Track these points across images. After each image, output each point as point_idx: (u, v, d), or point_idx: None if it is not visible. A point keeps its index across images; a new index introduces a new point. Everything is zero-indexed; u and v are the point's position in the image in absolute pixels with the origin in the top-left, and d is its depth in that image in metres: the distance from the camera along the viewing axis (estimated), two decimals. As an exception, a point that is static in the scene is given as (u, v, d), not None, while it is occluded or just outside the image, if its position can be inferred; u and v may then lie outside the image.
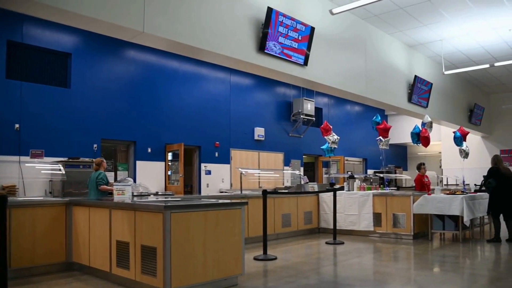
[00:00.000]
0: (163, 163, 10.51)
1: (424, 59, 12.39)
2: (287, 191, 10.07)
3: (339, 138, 10.33)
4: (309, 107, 13.94)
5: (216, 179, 11.66)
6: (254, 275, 5.56)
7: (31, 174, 7.95)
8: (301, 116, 13.74)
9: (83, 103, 9.04)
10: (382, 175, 12.76)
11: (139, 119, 10.00)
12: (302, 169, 14.35)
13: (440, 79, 13.02)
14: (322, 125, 10.44)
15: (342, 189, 9.77)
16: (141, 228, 4.70)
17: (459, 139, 10.46)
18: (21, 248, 5.52)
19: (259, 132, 12.91)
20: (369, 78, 9.92)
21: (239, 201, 5.48)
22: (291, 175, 13.53)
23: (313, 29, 7.93)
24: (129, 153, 10.17)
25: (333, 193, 8.70)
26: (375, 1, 7.59)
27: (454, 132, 10.95)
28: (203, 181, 11.37)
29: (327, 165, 15.33)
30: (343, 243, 8.13)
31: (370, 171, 16.72)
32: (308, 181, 11.21)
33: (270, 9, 7.07)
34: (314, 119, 14.19)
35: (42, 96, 8.46)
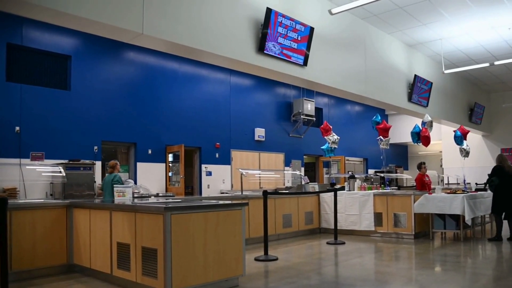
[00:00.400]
0: (163, 164, 10.51)
1: (424, 58, 12.39)
2: (287, 191, 10.06)
3: (339, 138, 10.33)
4: (309, 107, 13.94)
5: (216, 180, 11.66)
6: (255, 276, 5.55)
7: (32, 176, 7.95)
8: (302, 116, 13.74)
9: (83, 105, 9.05)
10: (382, 175, 12.75)
11: (139, 120, 10.01)
12: (302, 169, 14.34)
13: (440, 78, 13.02)
14: (322, 125, 10.44)
15: (342, 189, 9.77)
16: (141, 229, 4.71)
17: (460, 138, 10.45)
18: (22, 250, 5.52)
19: (260, 132, 12.91)
20: (369, 78, 9.91)
21: (239, 202, 5.48)
22: (292, 175, 13.52)
23: (312, 29, 7.93)
24: (130, 154, 10.17)
25: (333, 193, 8.70)
26: (374, 0, 7.59)
27: (454, 131, 10.94)
28: (204, 182, 11.37)
29: (327, 165, 15.32)
30: (344, 243, 8.13)
31: (371, 171, 16.71)
32: (308, 181, 11.21)
33: (269, 10, 7.07)
34: (314, 119, 14.19)
35: (42, 98, 8.47)
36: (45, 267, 5.75)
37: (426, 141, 9.88)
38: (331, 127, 10.29)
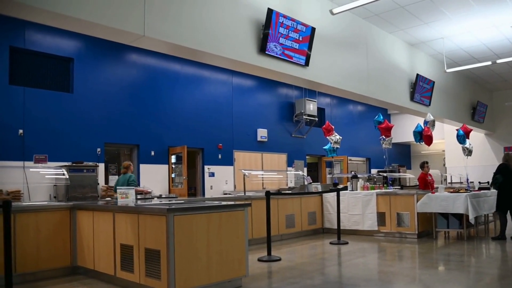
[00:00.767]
0: (166, 166, 10.54)
1: (425, 57, 12.36)
2: (290, 192, 10.07)
3: (341, 138, 10.32)
4: (311, 107, 13.94)
5: (219, 181, 11.67)
6: (258, 277, 5.56)
7: (36, 179, 7.99)
8: (304, 116, 13.74)
9: (86, 108, 9.08)
10: (385, 174, 12.73)
11: (142, 122, 10.03)
12: (305, 169, 14.34)
13: (442, 77, 12.99)
14: (324, 125, 10.44)
15: (345, 189, 9.76)
16: (144, 231, 4.72)
17: (462, 137, 10.43)
18: (25, 252, 5.55)
19: (262, 133, 12.92)
20: (371, 77, 9.91)
21: (242, 202, 5.48)
22: (295, 175, 13.53)
23: (313, 29, 7.93)
24: (133, 156, 10.20)
25: (336, 193, 8.70)
26: (375, 0, 7.59)
27: (457, 130, 10.92)
28: (207, 183, 11.38)
29: (330, 165, 15.32)
30: (347, 243, 8.13)
31: (373, 171, 16.68)
32: (311, 181, 11.20)
33: (270, 10, 7.08)
34: (316, 119, 14.18)
35: (45, 101, 8.51)
36: (49, 269, 5.76)
37: (428, 140, 9.86)
38: (333, 127, 10.29)
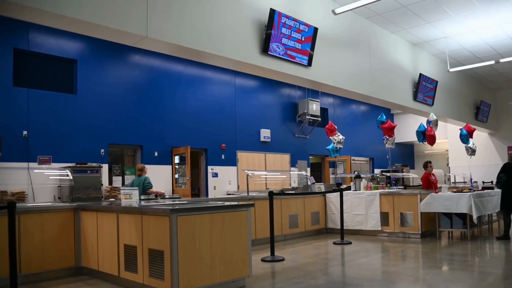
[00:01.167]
0: (170, 166, 10.56)
1: (428, 57, 12.34)
2: (293, 192, 10.07)
3: (344, 138, 10.32)
4: (314, 107, 13.94)
5: (223, 182, 11.69)
6: (261, 277, 5.57)
7: (40, 180, 8.02)
8: (307, 116, 13.74)
9: (90, 109, 9.12)
10: (389, 174, 12.72)
11: (145, 123, 10.06)
12: (308, 169, 14.34)
13: (445, 76, 12.96)
14: (327, 126, 10.43)
15: (348, 189, 9.76)
16: (148, 231, 4.74)
17: (466, 137, 10.39)
18: (30, 253, 5.58)
19: (265, 133, 12.92)
20: (373, 77, 9.90)
21: (245, 203, 5.50)
22: (298, 176, 13.53)
23: (316, 29, 7.94)
24: (136, 157, 10.23)
25: (340, 193, 8.70)
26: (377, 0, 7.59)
27: (460, 129, 10.89)
28: (210, 184, 11.40)
29: (333, 165, 15.31)
30: (350, 243, 8.12)
31: (377, 171, 16.67)
32: (314, 181, 11.20)
33: (272, 11, 7.08)
34: (319, 119, 14.18)
35: (49, 102, 8.55)
36: (54, 269, 5.80)
37: (431, 140, 9.84)
38: (336, 127, 10.28)
